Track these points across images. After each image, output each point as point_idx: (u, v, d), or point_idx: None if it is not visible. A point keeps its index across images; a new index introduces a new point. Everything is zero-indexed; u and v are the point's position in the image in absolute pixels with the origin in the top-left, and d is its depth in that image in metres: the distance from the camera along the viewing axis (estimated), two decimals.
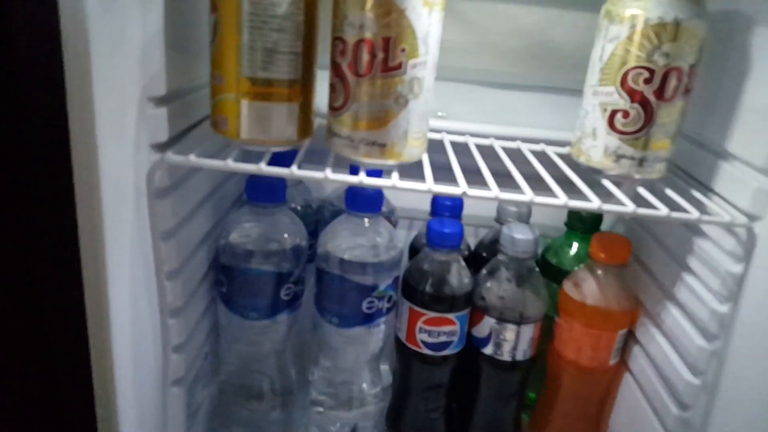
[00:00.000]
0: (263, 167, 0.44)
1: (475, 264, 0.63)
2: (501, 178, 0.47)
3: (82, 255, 0.42)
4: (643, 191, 0.48)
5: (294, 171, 0.44)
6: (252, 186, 0.57)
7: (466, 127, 0.62)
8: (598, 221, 0.67)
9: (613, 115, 0.48)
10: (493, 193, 0.45)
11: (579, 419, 0.65)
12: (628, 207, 0.45)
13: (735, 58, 0.50)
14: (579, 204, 0.44)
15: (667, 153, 0.49)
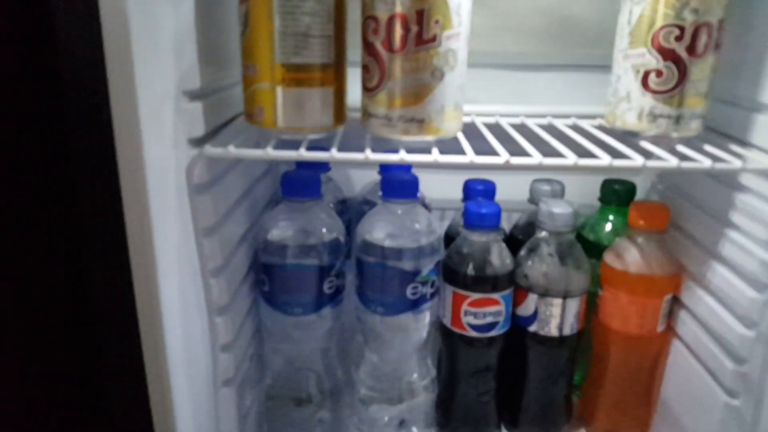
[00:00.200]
0: (303, 153, 0.44)
1: (512, 247, 0.62)
2: (539, 147, 0.47)
3: (131, 253, 0.41)
4: (682, 148, 0.48)
5: (334, 154, 0.44)
6: (287, 182, 0.57)
7: (495, 110, 0.62)
8: (632, 193, 0.66)
9: (647, 76, 0.48)
10: (536, 160, 0.44)
11: (629, 391, 0.64)
12: (671, 162, 0.44)
13: (762, 10, 0.50)
14: (623, 163, 0.44)
15: (702, 110, 0.49)
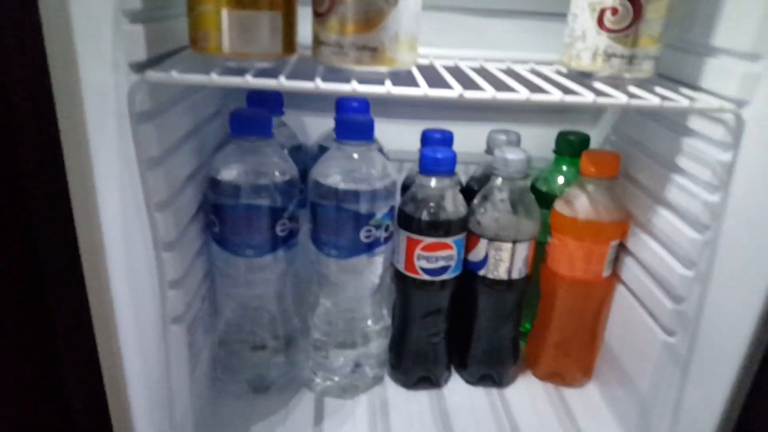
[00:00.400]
0: (249, 79, 0.42)
1: (468, 198, 0.62)
2: (495, 85, 0.47)
3: (70, 184, 0.39)
4: (634, 89, 0.48)
5: (282, 82, 0.43)
6: (236, 119, 0.55)
7: (454, 53, 0.61)
8: (586, 143, 0.67)
9: (602, 14, 0.48)
10: (489, 94, 0.44)
11: (574, 335, 0.66)
12: (620, 99, 0.45)
13: None
14: (574, 99, 0.44)
15: (655, 51, 0.49)
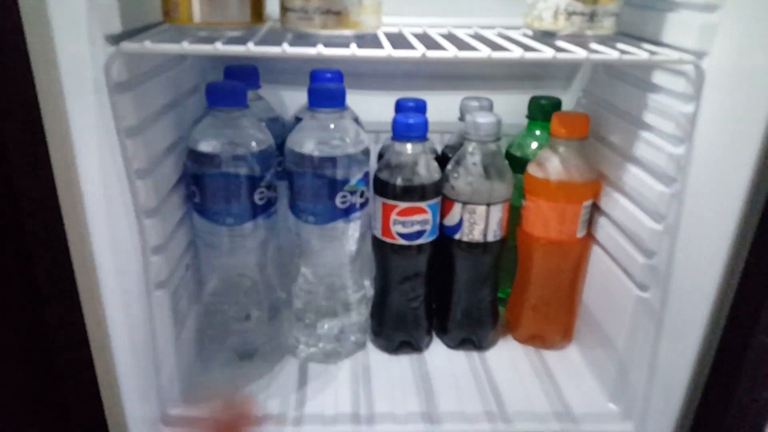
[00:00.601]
0: (219, 47, 0.44)
1: (443, 165, 0.64)
2: (459, 47, 0.48)
3: (51, 153, 0.41)
4: (596, 46, 0.50)
5: (251, 48, 0.44)
6: (212, 91, 0.56)
7: (423, 21, 0.62)
8: (557, 107, 0.68)
9: None
10: (451, 53, 0.45)
11: (552, 297, 0.68)
12: (580, 54, 0.46)
13: None
14: (534, 56, 0.46)
15: (615, 7, 0.51)
